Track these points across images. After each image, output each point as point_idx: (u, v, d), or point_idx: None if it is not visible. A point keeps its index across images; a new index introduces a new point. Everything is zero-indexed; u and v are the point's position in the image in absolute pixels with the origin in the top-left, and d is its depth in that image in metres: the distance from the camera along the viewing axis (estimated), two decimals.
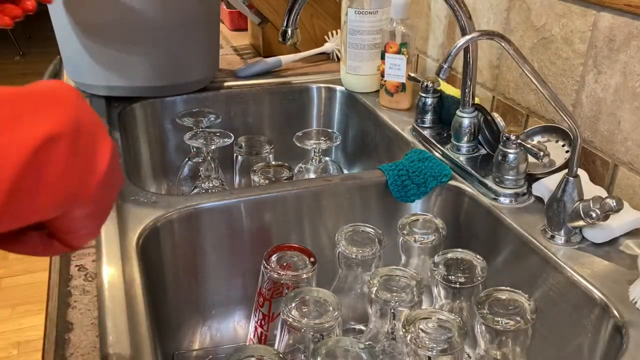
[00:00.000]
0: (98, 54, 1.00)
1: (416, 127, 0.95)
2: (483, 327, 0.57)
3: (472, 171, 0.81)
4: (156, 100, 1.08)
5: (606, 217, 0.63)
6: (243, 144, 0.97)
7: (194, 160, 0.99)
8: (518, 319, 0.56)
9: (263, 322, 0.70)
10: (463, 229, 0.81)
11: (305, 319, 0.56)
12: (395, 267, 0.64)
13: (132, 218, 0.71)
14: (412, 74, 0.99)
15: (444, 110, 0.95)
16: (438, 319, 0.55)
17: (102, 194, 0.39)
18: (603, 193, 0.71)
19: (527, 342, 0.57)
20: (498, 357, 0.58)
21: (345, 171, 1.14)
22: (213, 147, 0.94)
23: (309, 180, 0.92)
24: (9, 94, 0.34)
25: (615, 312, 0.58)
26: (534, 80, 0.67)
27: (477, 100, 0.88)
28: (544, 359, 0.67)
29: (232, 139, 0.95)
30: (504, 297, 0.59)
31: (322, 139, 0.98)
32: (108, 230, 0.68)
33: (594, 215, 0.63)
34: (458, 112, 0.85)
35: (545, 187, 0.73)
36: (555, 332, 0.66)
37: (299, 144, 0.96)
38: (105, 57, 1.00)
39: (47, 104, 0.35)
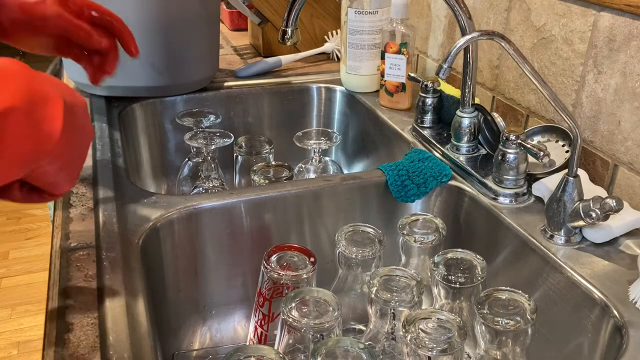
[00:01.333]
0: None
1: (416, 127, 0.95)
2: (483, 327, 0.57)
3: (472, 171, 0.81)
4: (156, 100, 1.08)
5: (606, 217, 0.63)
6: (243, 144, 0.97)
7: (194, 160, 0.99)
8: (518, 319, 0.56)
9: (263, 322, 0.70)
10: (463, 229, 0.81)
11: (305, 319, 0.56)
12: (395, 267, 0.64)
13: (132, 218, 0.71)
14: (412, 74, 0.99)
15: (444, 110, 0.95)
16: (438, 319, 0.55)
17: (66, 149, 0.46)
18: (603, 193, 0.71)
19: (527, 342, 0.57)
20: (498, 357, 0.58)
21: (345, 171, 1.14)
22: (213, 147, 0.94)
23: (309, 180, 0.92)
24: None
25: (615, 312, 0.58)
26: (534, 80, 0.67)
27: (477, 100, 0.88)
28: (544, 359, 0.67)
29: (232, 139, 0.95)
30: (504, 297, 0.59)
31: (322, 139, 0.98)
32: (108, 231, 0.68)
33: (594, 215, 0.63)
34: (458, 112, 0.85)
35: (545, 187, 0.73)
36: (555, 332, 0.66)
37: (299, 144, 0.96)
38: None
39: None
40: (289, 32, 0.92)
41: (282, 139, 1.12)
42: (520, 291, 0.59)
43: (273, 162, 0.93)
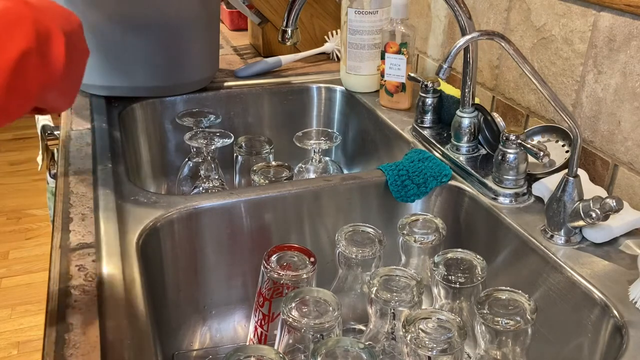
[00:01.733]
0: (98, 54, 1.00)
1: (416, 127, 0.95)
2: (483, 327, 0.57)
3: (472, 171, 0.81)
4: (156, 100, 1.08)
5: (606, 217, 0.63)
6: (243, 144, 0.97)
7: (194, 160, 0.99)
8: (518, 319, 0.56)
9: (263, 322, 0.70)
10: (463, 229, 0.81)
11: (305, 319, 0.56)
12: (395, 267, 0.64)
13: (132, 218, 0.71)
14: (412, 74, 0.99)
15: (444, 110, 0.95)
16: (438, 319, 0.55)
17: (67, 77, 0.50)
18: (603, 193, 0.71)
19: (527, 342, 0.57)
20: (498, 357, 0.58)
21: (345, 171, 1.14)
22: (213, 147, 0.94)
23: (309, 180, 0.92)
24: None
25: (615, 312, 0.58)
26: (534, 80, 0.67)
27: (477, 100, 0.88)
28: (543, 359, 0.67)
29: (232, 139, 0.95)
30: (504, 297, 0.59)
31: (322, 139, 0.98)
32: (108, 230, 0.68)
33: (594, 215, 0.63)
34: (458, 112, 0.85)
35: (545, 187, 0.73)
36: (555, 332, 0.66)
37: (299, 144, 0.96)
38: (105, 57, 1.00)
39: (10, 26, 0.43)
40: (289, 32, 0.92)
41: (282, 139, 1.12)
42: (520, 291, 0.59)
43: (273, 162, 0.93)
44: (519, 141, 0.73)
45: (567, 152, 0.78)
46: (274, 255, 0.67)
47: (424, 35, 1.18)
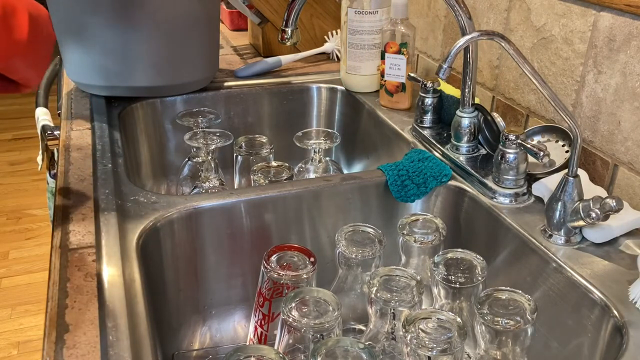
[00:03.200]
0: (98, 54, 1.00)
1: (416, 127, 0.95)
2: (483, 327, 0.57)
3: (472, 171, 0.81)
4: (156, 100, 1.08)
5: (606, 217, 0.63)
6: (243, 144, 0.97)
7: (194, 160, 0.99)
8: (518, 319, 0.56)
9: (263, 322, 0.70)
10: (463, 229, 0.81)
11: (305, 319, 0.56)
12: (395, 267, 0.64)
13: (132, 218, 0.71)
14: (412, 74, 0.99)
15: (444, 110, 0.95)
16: (438, 319, 0.55)
17: (33, 50, 0.58)
18: (603, 193, 0.71)
19: (527, 342, 0.57)
20: (498, 357, 0.58)
21: (345, 171, 1.14)
22: (213, 147, 0.94)
23: (309, 180, 0.92)
24: None
25: (615, 312, 0.58)
26: (534, 80, 0.67)
27: (477, 100, 0.88)
28: (544, 359, 0.67)
29: (232, 139, 0.95)
30: (504, 297, 0.59)
31: (322, 139, 0.98)
32: (108, 230, 0.68)
33: (593, 215, 0.63)
34: (458, 112, 0.85)
35: (545, 187, 0.73)
36: (555, 332, 0.66)
37: (299, 144, 0.96)
38: (105, 57, 1.00)
39: None
40: (289, 32, 0.93)
41: (282, 139, 1.12)
42: (520, 291, 0.59)
43: (273, 162, 0.93)
44: (519, 141, 0.73)
45: (567, 152, 0.78)
46: (274, 255, 0.67)
47: (424, 35, 1.18)
